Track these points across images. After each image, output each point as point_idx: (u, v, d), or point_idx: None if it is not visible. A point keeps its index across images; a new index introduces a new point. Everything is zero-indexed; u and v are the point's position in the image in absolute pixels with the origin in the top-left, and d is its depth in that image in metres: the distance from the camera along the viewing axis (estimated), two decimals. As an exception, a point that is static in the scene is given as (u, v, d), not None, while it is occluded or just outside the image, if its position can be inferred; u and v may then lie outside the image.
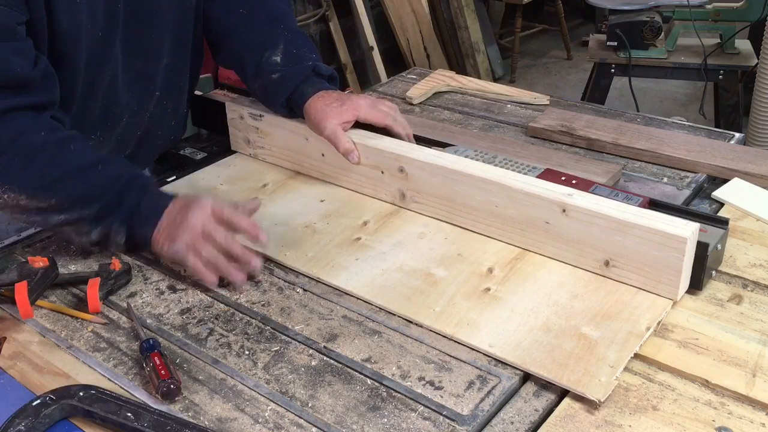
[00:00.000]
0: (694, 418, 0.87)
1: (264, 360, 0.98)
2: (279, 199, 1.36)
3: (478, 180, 1.18)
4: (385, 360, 0.97)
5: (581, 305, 1.05)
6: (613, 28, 3.20)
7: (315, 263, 1.17)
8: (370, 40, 4.25)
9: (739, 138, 1.54)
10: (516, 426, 0.87)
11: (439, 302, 1.07)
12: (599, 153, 1.50)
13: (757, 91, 3.03)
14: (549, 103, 1.74)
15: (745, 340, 0.98)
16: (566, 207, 1.10)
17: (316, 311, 1.07)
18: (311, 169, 1.42)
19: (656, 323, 1.01)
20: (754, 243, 1.19)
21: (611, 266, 1.09)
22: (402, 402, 0.91)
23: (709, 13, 3.21)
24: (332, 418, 0.89)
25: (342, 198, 1.35)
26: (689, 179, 1.39)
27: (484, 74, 4.69)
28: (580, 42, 5.50)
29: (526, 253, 1.17)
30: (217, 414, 0.90)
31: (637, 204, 1.12)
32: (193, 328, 1.05)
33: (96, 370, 0.97)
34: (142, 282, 1.15)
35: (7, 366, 0.98)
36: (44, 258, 1.08)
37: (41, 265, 1.07)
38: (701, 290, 1.08)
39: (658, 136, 1.50)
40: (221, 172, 1.46)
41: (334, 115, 1.28)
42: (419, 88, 1.82)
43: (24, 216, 1.12)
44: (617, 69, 3.26)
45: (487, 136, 1.56)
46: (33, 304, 1.04)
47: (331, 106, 1.28)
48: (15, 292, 1.02)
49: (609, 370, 0.93)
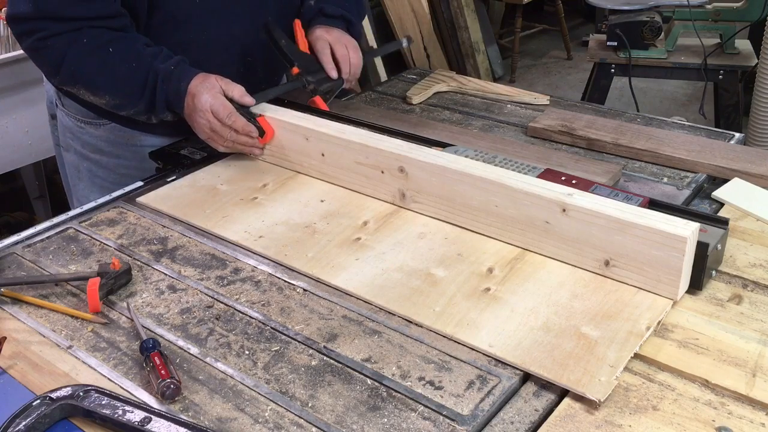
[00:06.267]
0: (694, 418, 0.87)
1: (264, 360, 0.98)
2: (279, 199, 1.36)
3: (478, 180, 1.18)
4: (385, 360, 0.97)
5: (581, 305, 1.05)
6: (613, 28, 3.20)
7: (315, 263, 1.17)
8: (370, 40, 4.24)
9: (739, 138, 1.54)
10: (516, 426, 0.87)
11: (439, 302, 1.07)
12: (599, 153, 1.50)
13: (757, 91, 3.03)
14: (549, 103, 1.74)
15: (745, 340, 0.98)
16: (566, 206, 1.10)
17: (316, 311, 1.07)
18: (311, 169, 1.42)
19: (656, 323, 1.01)
20: (754, 243, 1.19)
21: (611, 266, 1.09)
22: (402, 402, 0.91)
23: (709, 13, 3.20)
24: (332, 418, 0.89)
25: (342, 198, 1.35)
26: (689, 179, 1.39)
27: (484, 74, 4.69)
28: (580, 42, 5.50)
29: (526, 253, 1.17)
30: (217, 414, 0.90)
31: (637, 204, 1.12)
32: (193, 328, 1.05)
33: (96, 370, 0.97)
34: (142, 282, 1.15)
35: (7, 366, 0.98)
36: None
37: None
38: (701, 290, 1.08)
39: (658, 136, 1.50)
40: (221, 172, 1.46)
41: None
42: (419, 88, 1.82)
43: (110, 107, 1.45)
44: (617, 69, 3.26)
45: (487, 136, 1.56)
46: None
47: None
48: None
49: (609, 370, 0.93)
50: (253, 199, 1.36)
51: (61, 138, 1.68)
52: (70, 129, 1.63)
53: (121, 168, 1.62)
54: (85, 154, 1.64)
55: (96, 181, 1.65)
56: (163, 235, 1.28)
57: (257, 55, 1.61)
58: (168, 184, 1.43)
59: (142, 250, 1.24)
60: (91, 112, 1.57)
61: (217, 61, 1.45)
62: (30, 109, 2.50)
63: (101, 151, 1.62)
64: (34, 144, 2.57)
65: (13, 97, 2.48)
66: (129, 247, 1.25)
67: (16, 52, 2.39)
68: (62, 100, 1.62)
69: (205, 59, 1.46)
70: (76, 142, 1.64)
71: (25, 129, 2.54)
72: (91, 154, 1.63)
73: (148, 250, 1.24)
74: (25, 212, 3.07)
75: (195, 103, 1.39)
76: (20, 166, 2.69)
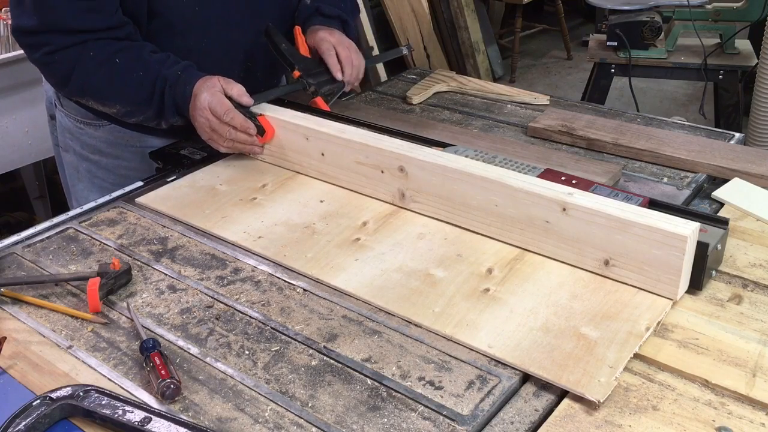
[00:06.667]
0: (694, 418, 0.87)
1: (264, 360, 0.98)
2: (279, 199, 1.36)
3: (478, 179, 1.18)
4: (385, 360, 0.97)
5: (581, 305, 1.05)
6: (613, 28, 3.20)
7: (314, 264, 1.17)
8: (370, 40, 4.24)
9: (739, 138, 1.54)
10: (516, 426, 0.87)
11: (438, 303, 1.07)
12: (599, 153, 1.50)
13: (757, 91, 3.03)
14: (549, 103, 1.74)
15: (745, 340, 0.98)
16: (566, 206, 1.10)
17: (316, 311, 1.07)
18: (311, 169, 1.42)
19: (656, 323, 1.01)
20: (754, 243, 1.19)
21: (611, 265, 1.09)
22: (402, 402, 0.91)
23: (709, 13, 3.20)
24: (332, 418, 0.89)
25: (341, 198, 1.35)
26: (689, 179, 1.39)
27: (484, 74, 4.69)
28: (580, 42, 5.50)
29: (526, 254, 1.17)
30: (217, 414, 0.90)
31: (637, 204, 1.12)
32: (193, 328, 1.05)
33: (96, 370, 0.97)
34: (142, 282, 1.15)
35: (7, 366, 0.98)
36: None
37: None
38: (701, 290, 1.08)
39: (658, 136, 1.50)
40: (221, 172, 1.46)
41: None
42: (419, 88, 1.82)
43: (119, 116, 1.48)
44: (617, 69, 3.26)
45: (487, 136, 1.56)
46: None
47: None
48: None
49: (608, 370, 0.92)
50: (252, 200, 1.36)
51: (60, 138, 1.68)
52: (69, 130, 1.63)
53: (120, 169, 1.62)
54: (84, 155, 1.64)
55: (95, 181, 1.65)
56: (163, 235, 1.28)
57: (257, 59, 1.61)
58: (168, 184, 1.43)
59: (142, 250, 1.24)
60: (89, 113, 1.58)
61: (217, 66, 1.45)
62: (30, 109, 2.50)
63: (100, 152, 1.62)
64: (34, 144, 2.57)
65: (13, 97, 2.48)
66: (129, 247, 1.25)
67: (16, 52, 2.39)
68: (61, 101, 1.62)
69: (205, 65, 1.46)
70: (75, 142, 1.64)
71: (25, 129, 2.54)
72: (90, 155, 1.63)
73: (148, 250, 1.24)
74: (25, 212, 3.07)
75: (195, 103, 1.40)
76: (20, 166, 2.69)
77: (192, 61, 1.46)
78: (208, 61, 1.46)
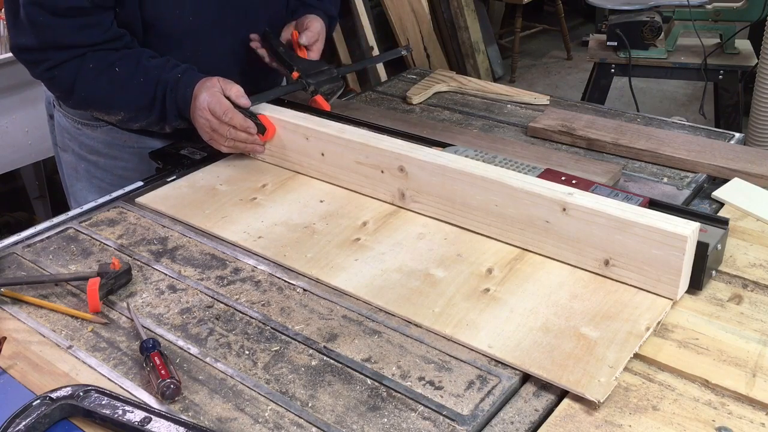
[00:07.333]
0: (694, 418, 0.87)
1: (264, 360, 0.98)
2: (279, 199, 1.36)
3: (477, 179, 1.18)
4: (385, 360, 0.97)
5: (581, 305, 1.05)
6: (613, 28, 3.20)
7: (314, 264, 1.17)
8: (370, 40, 4.24)
9: (739, 138, 1.54)
10: (516, 426, 0.87)
11: (438, 303, 1.07)
12: (599, 153, 1.50)
13: (757, 91, 3.03)
14: (549, 103, 1.74)
15: (745, 340, 0.98)
16: (566, 205, 1.10)
17: (316, 311, 1.07)
18: (311, 169, 1.42)
19: (656, 323, 1.01)
20: (754, 243, 1.19)
21: (611, 265, 1.09)
22: (402, 402, 0.91)
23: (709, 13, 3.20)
24: (332, 418, 0.89)
25: (341, 198, 1.35)
26: (689, 179, 1.39)
27: (484, 74, 4.69)
28: (580, 42, 5.50)
29: (526, 254, 1.17)
30: (217, 414, 0.90)
31: (637, 204, 1.12)
32: (193, 328, 1.05)
33: (96, 370, 0.97)
34: (142, 282, 1.15)
35: (7, 366, 0.98)
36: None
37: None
38: (701, 290, 1.08)
39: (658, 136, 1.50)
40: (221, 172, 1.46)
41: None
42: (419, 88, 1.82)
43: (123, 123, 1.51)
44: (617, 69, 3.26)
45: (487, 136, 1.56)
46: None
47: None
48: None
49: (608, 370, 0.92)
50: (252, 200, 1.36)
51: (58, 139, 1.68)
52: (68, 130, 1.63)
53: (119, 169, 1.62)
54: (82, 155, 1.64)
55: (94, 181, 1.65)
56: (163, 235, 1.28)
57: (254, 65, 1.61)
58: (168, 184, 1.43)
59: (142, 250, 1.24)
60: (87, 113, 1.58)
61: (214, 74, 1.45)
62: (29, 109, 2.50)
63: (98, 153, 1.62)
64: (34, 144, 2.57)
65: (13, 97, 2.48)
66: (129, 247, 1.25)
67: (15, 53, 2.39)
68: (59, 102, 1.62)
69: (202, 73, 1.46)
70: (73, 143, 1.64)
71: (25, 129, 2.54)
72: (89, 155, 1.63)
73: (148, 250, 1.24)
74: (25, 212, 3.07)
75: (195, 104, 1.40)
76: (20, 166, 2.69)
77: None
78: (204, 70, 1.47)
